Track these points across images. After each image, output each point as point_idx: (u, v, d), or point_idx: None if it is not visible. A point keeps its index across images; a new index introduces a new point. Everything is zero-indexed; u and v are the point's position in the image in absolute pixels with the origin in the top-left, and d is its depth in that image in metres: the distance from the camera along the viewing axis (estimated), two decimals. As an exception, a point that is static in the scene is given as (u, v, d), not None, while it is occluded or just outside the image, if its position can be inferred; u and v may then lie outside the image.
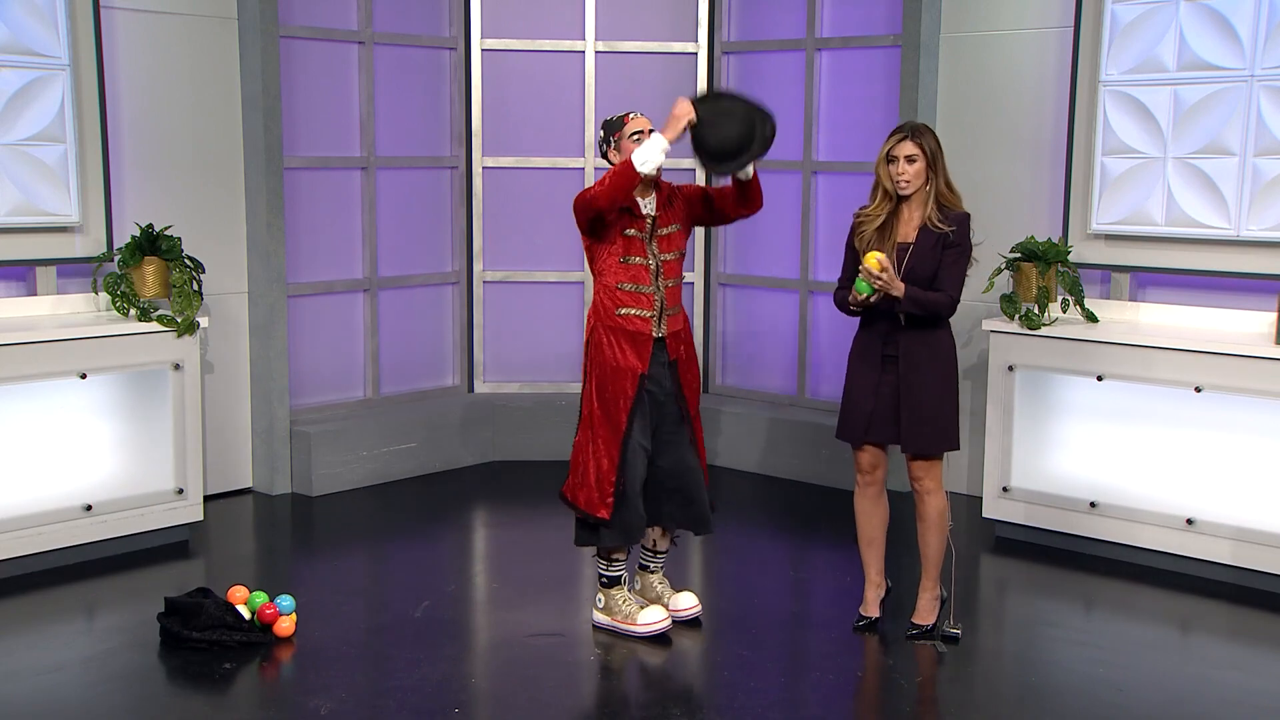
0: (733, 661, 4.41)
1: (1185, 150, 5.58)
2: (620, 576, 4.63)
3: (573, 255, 7.31)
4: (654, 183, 4.50)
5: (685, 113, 4.30)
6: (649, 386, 4.47)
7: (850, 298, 4.38)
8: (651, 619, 4.56)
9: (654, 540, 4.78)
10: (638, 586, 4.81)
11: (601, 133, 4.54)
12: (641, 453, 4.48)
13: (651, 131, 4.41)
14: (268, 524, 6.05)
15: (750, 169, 4.41)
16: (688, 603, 4.73)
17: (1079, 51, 5.84)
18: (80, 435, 5.34)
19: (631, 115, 4.50)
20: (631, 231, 4.44)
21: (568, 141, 7.25)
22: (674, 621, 4.64)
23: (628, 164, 4.26)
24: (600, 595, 4.68)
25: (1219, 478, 5.20)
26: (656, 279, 4.48)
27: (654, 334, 4.48)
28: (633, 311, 4.45)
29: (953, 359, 4.49)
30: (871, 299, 4.31)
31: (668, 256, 4.51)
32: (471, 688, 4.19)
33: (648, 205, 4.51)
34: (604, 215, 4.36)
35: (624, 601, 4.62)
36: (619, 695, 4.16)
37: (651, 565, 4.81)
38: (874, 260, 4.26)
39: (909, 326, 4.40)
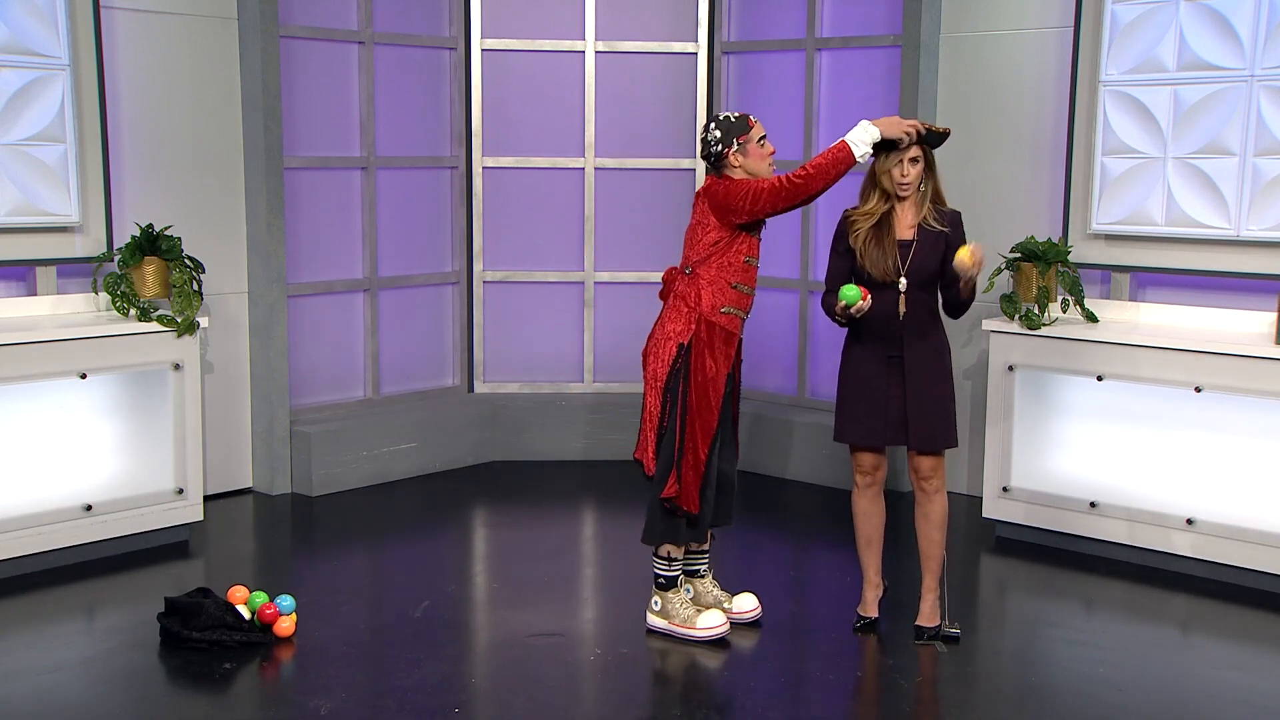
0: (733, 661, 4.41)
1: (1185, 150, 5.58)
2: (678, 578, 4.59)
3: (573, 255, 7.31)
4: None
5: (914, 124, 4.32)
6: (729, 385, 4.51)
7: (838, 307, 4.35)
8: (711, 623, 4.52)
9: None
10: (691, 594, 4.68)
11: (718, 133, 4.43)
12: (717, 453, 4.51)
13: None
14: (268, 524, 6.05)
15: None
16: (749, 604, 4.70)
17: (1079, 51, 5.84)
18: (80, 435, 5.33)
19: (753, 119, 4.47)
20: (757, 234, 4.47)
21: (568, 141, 7.25)
22: (733, 624, 4.63)
23: (847, 152, 4.27)
24: (656, 598, 4.60)
25: (1219, 478, 5.20)
26: (755, 281, 4.54)
27: (740, 334, 4.52)
28: (734, 311, 4.46)
29: (948, 352, 4.52)
30: (853, 310, 4.29)
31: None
32: (471, 688, 4.19)
33: None
34: (794, 207, 4.36)
35: (681, 605, 4.56)
36: (619, 695, 4.16)
37: (700, 569, 4.73)
38: (972, 252, 4.28)
39: (910, 327, 4.40)
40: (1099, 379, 5.45)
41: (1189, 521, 5.27)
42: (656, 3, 7.18)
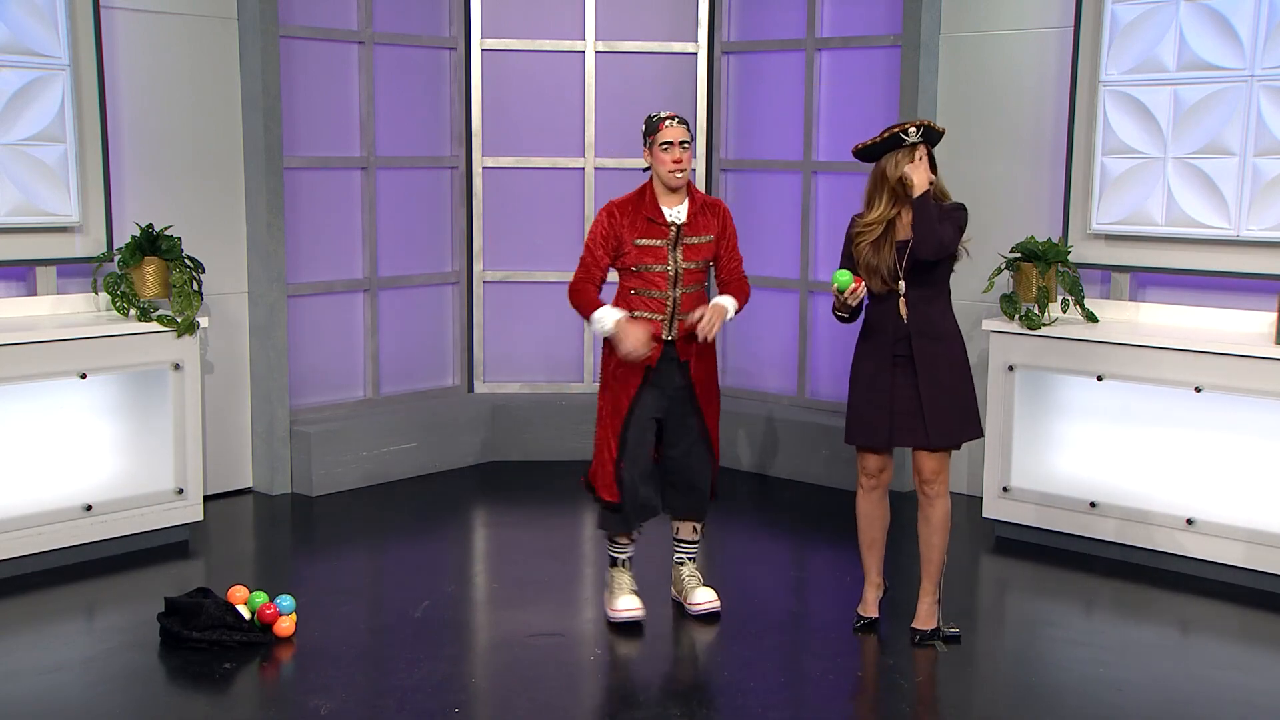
0: (733, 661, 4.41)
1: (1185, 150, 5.58)
2: (619, 559, 4.74)
3: (572, 255, 7.29)
4: (686, 189, 4.59)
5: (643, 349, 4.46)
6: (657, 381, 4.56)
7: (832, 291, 4.35)
8: (621, 606, 4.68)
9: (676, 529, 4.86)
10: (671, 578, 4.91)
11: (643, 127, 4.62)
12: (643, 442, 4.58)
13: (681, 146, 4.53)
14: (268, 524, 6.05)
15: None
16: (701, 598, 4.77)
17: (1079, 51, 5.84)
18: (80, 435, 5.33)
19: (668, 123, 4.53)
20: (646, 241, 4.53)
21: (568, 141, 7.25)
22: (694, 616, 4.73)
23: (588, 315, 4.52)
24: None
25: (1219, 478, 5.20)
26: (674, 285, 4.55)
27: (665, 336, 4.55)
28: (644, 314, 4.55)
29: (961, 345, 4.47)
30: (846, 295, 4.29)
31: (690, 265, 4.57)
32: (471, 688, 4.19)
33: (675, 213, 4.57)
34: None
35: (615, 585, 4.73)
36: (619, 695, 4.16)
37: (683, 559, 4.86)
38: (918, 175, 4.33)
39: (917, 327, 4.37)
40: (1099, 379, 5.45)
41: (1189, 521, 5.27)
42: (656, 3, 7.18)
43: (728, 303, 4.56)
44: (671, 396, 4.61)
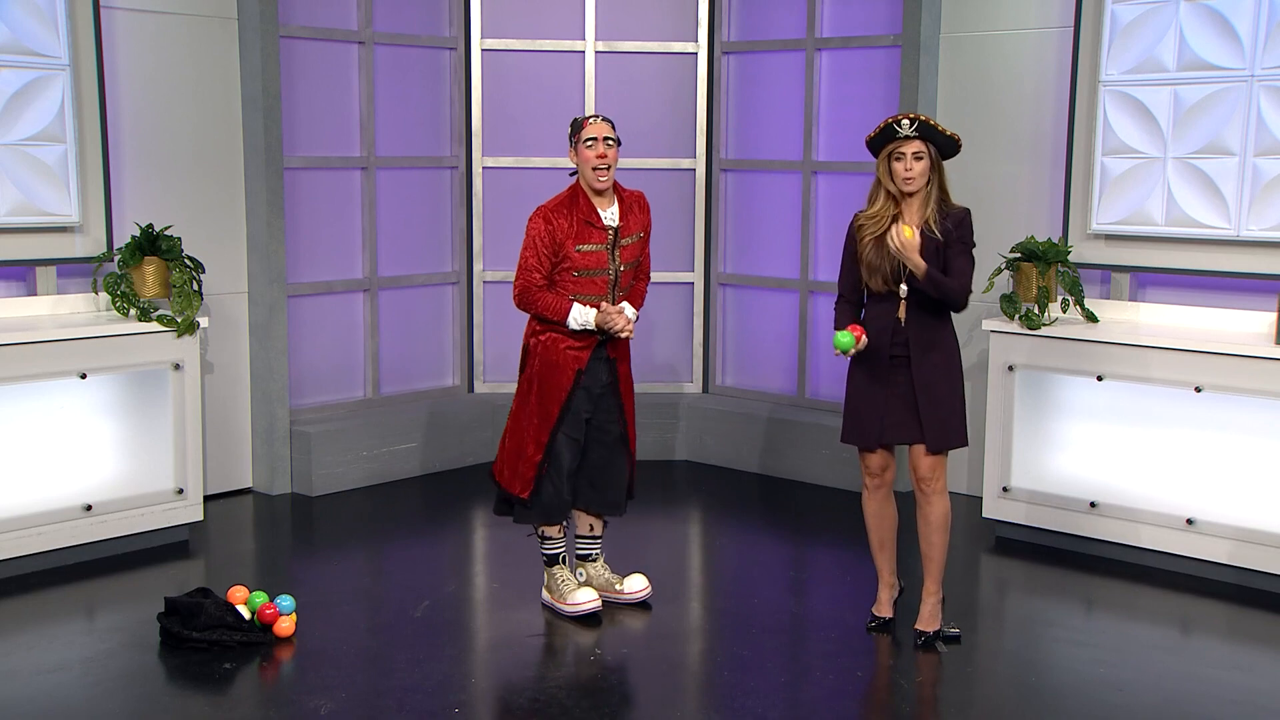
0: (733, 661, 4.41)
1: (1185, 150, 5.58)
2: (557, 555, 4.81)
3: (573, 255, 7.30)
4: (614, 191, 4.64)
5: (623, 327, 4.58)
6: (585, 383, 4.64)
7: (835, 354, 4.38)
8: (580, 599, 4.71)
9: (589, 525, 4.91)
10: (584, 578, 4.89)
11: (569, 128, 4.66)
12: (569, 443, 4.65)
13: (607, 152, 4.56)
14: (268, 524, 6.05)
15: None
16: (638, 585, 4.84)
17: (1079, 51, 5.84)
18: (80, 435, 5.33)
19: (591, 120, 4.60)
20: (589, 247, 4.56)
21: (567, 142, 7.24)
22: (628, 604, 4.80)
23: (565, 316, 4.54)
24: (545, 574, 4.84)
25: (1219, 478, 5.20)
26: (613, 289, 4.62)
27: (599, 337, 4.63)
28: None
29: (958, 353, 4.49)
30: (850, 355, 4.34)
31: (626, 266, 4.64)
32: (471, 688, 4.19)
33: (609, 215, 4.61)
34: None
35: (561, 581, 4.79)
36: (619, 695, 4.16)
37: (592, 554, 4.93)
38: (909, 233, 4.25)
39: (914, 329, 4.37)
40: (1099, 379, 5.45)
41: (1189, 521, 5.27)
42: (656, 3, 7.18)
43: (630, 311, 4.64)
44: (598, 395, 4.68)
